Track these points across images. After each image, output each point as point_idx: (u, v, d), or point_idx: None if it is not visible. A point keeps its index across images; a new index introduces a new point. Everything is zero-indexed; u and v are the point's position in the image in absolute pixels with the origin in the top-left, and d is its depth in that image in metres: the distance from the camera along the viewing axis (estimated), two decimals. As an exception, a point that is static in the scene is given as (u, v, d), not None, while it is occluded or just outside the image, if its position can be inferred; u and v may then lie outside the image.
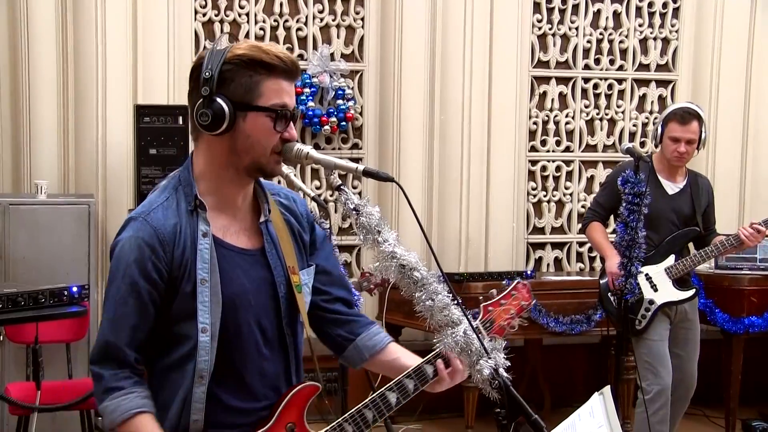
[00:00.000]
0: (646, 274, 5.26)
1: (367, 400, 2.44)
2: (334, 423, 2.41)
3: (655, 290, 5.26)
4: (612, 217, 5.48)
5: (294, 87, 2.34)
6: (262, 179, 2.43)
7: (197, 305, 2.26)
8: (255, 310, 2.36)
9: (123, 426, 2.24)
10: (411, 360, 2.56)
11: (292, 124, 2.32)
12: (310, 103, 6.61)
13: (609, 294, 5.30)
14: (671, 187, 5.29)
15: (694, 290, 5.35)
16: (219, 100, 2.24)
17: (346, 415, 2.43)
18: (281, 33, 6.68)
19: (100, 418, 2.38)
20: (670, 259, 5.27)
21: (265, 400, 2.39)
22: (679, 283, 5.29)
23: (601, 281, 5.41)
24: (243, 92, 2.26)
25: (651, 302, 5.25)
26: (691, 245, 5.49)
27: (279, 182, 6.87)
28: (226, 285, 2.30)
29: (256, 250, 2.39)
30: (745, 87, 7.46)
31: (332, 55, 6.73)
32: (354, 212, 2.21)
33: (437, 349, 2.46)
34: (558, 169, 7.25)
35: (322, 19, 6.74)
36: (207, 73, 2.25)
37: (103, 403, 2.26)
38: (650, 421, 5.16)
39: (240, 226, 2.39)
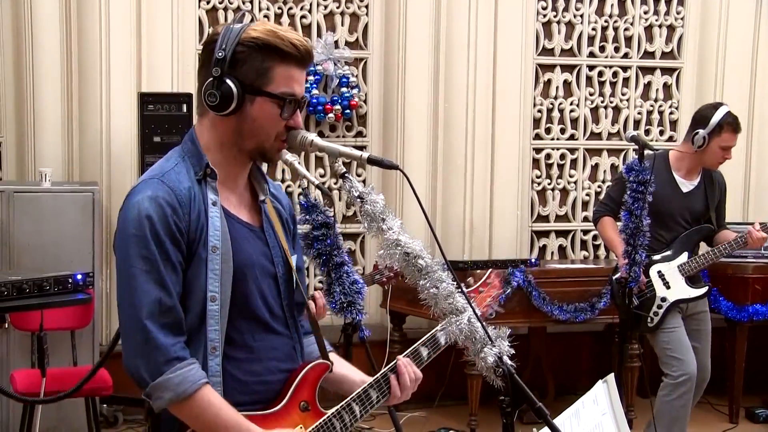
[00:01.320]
0: (659, 272, 5.27)
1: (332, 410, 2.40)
2: None
3: (668, 287, 5.26)
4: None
5: (305, 75, 2.33)
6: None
7: (207, 273, 2.21)
8: (261, 284, 2.33)
9: (191, 398, 2.14)
10: (347, 369, 2.55)
11: (298, 112, 2.31)
12: (315, 91, 6.60)
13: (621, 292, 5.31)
14: (686, 185, 5.29)
15: (706, 287, 5.37)
16: (229, 81, 2.22)
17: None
18: (285, 20, 6.67)
19: (145, 397, 2.19)
20: (684, 257, 5.27)
21: (277, 377, 2.35)
22: (692, 280, 5.29)
23: (614, 277, 5.41)
24: (254, 76, 2.24)
25: (663, 299, 5.25)
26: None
27: (283, 170, 6.90)
28: (237, 254, 2.27)
29: (257, 227, 2.39)
30: (750, 75, 7.43)
31: (336, 42, 6.72)
32: (358, 200, 2.20)
33: (392, 365, 2.49)
34: (562, 156, 7.24)
35: (326, 7, 6.73)
36: (220, 53, 2.23)
37: (164, 375, 2.12)
38: (674, 404, 5.16)
39: (240, 201, 2.38)
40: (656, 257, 5.28)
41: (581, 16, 7.21)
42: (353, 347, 4.07)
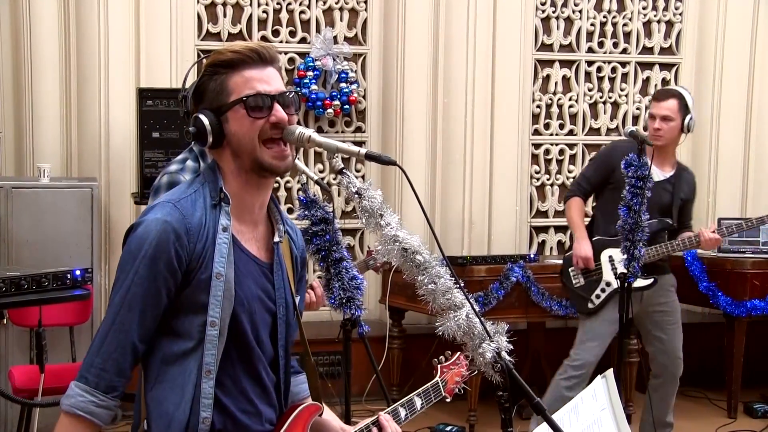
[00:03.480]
0: (610, 257, 5.27)
1: None
2: None
3: (616, 274, 5.24)
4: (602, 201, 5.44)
5: (270, 71, 2.33)
6: (275, 199, 2.45)
7: (209, 299, 2.24)
8: (257, 319, 2.35)
9: (65, 417, 2.24)
10: (327, 415, 2.60)
11: (277, 106, 2.29)
12: (314, 87, 6.60)
13: (570, 270, 5.37)
14: (658, 174, 5.25)
15: (652, 279, 5.20)
16: (199, 114, 2.29)
17: None
18: (284, 16, 6.67)
19: None
20: None
21: (267, 412, 2.39)
22: (642, 269, 5.18)
23: (566, 254, 5.49)
24: (216, 98, 2.29)
25: (608, 284, 5.25)
26: None
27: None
28: (239, 284, 2.30)
29: (265, 264, 2.40)
30: (748, 70, 7.44)
31: (335, 38, 6.72)
32: (356, 196, 2.20)
33: (374, 418, 2.59)
34: (561, 152, 7.24)
35: (325, 2, 6.73)
36: (181, 95, 2.33)
37: (75, 382, 2.24)
38: (560, 384, 5.21)
39: (253, 235, 2.39)
40: (610, 242, 5.27)
41: (580, 11, 7.21)
42: (352, 343, 4.06)
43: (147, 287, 2.21)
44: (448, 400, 3.10)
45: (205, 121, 2.28)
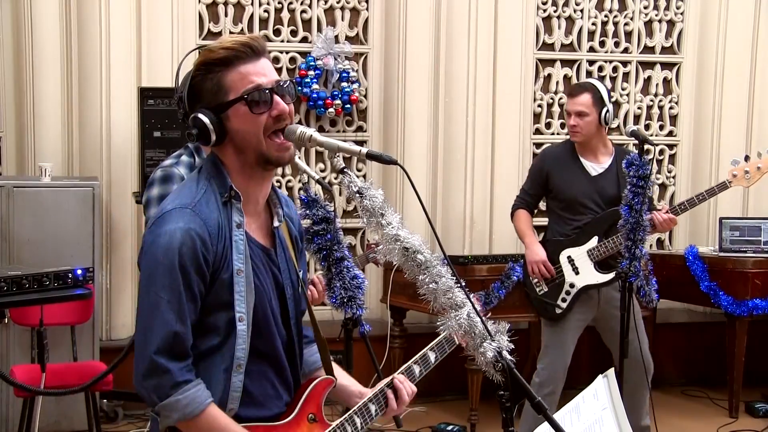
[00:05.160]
0: (569, 257, 5.23)
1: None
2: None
3: (577, 273, 5.21)
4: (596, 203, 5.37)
5: (263, 63, 2.33)
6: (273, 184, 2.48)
7: (234, 295, 2.28)
8: (273, 304, 2.40)
9: (198, 418, 2.22)
10: (346, 380, 2.66)
11: (277, 98, 2.31)
12: (315, 86, 6.60)
13: (531, 279, 5.34)
14: (594, 168, 5.21)
15: (614, 273, 5.08)
16: (199, 114, 2.29)
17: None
18: (285, 15, 6.67)
19: (154, 414, 2.30)
20: (593, 241, 5.18)
21: (284, 394, 2.44)
22: (601, 265, 5.17)
23: (524, 265, 5.48)
24: (214, 96, 2.30)
25: (572, 285, 5.21)
26: None
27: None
28: (256, 275, 2.34)
29: (270, 249, 2.43)
30: (750, 69, 7.43)
31: (336, 37, 6.72)
32: (357, 195, 2.20)
33: (389, 380, 2.61)
34: (562, 151, 7.23)
35: (326, 1, 6.73)
36: (178, 95, 2.31)
37: (171, 397, 2.20)
38: (530, 408, 5.10)
39: (257, 224, 2.42)
40: (566, 242, 5.25)
41: (581, 11, 7.21)
42: (354, 342, 4.06)
43: (186, 295, 2.23)
44: (464, 346, 3.04)
45: (206, 120, 2.28)
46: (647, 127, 7.37)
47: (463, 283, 2.22)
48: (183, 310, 2.22)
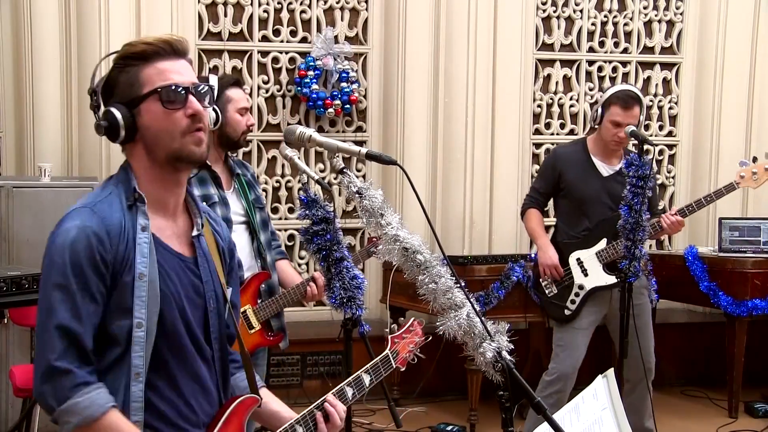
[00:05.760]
0: (578, 259, 5.22)
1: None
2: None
3: (586, 275, 5.19)
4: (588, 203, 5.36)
5: (183, 64, 2.29)
6: (192, 192, 2.40)
7: (134, 300, 2.18)
8: (188, 315, 2.30)
9: (98, 422, 2.11)
10: (278, 405, 2.56)
11: (192, 98, 2.25)
12: (314, 86, 6.60)
13: (541, 281, 5.32)
14: (606, 169, 5.20)
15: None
16: (111, 108, 2.26)
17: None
18: (285, 16, 6.67)
19: (53, 421, 2.15)
20: (602, 243, 5.17)
21: (197, 408, 2.32)
22: (610, 267, 5.15)
23: (533, 266, 5.46)
24: (128, 90, 2.26)
25: (581, 287, 5.19)
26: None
27: (283, 165, 6.90)
28: (164, 282, 2.25)
29: (189, 258, 2.35)
30: (749, 69, 7.43)
31: (336, 37, 6.72)
32: (357, 195, 2.20)
33: (319, 402, 2.54)
34: (562, 151, 7.24)
35: (326, 2, 6.73)
36: (89, 89, 2.30)
37: (71, 399, 2.10)
38: (545, 402, 5.07)
39: (173, 231, 2.34)
40: (575, 244, 5.24)
41: (581, 11, 7.21)
42: (353, 342, 4.06)
43: (81, 295, 2.14)
44: (402, 369, 3.06)
45: (118, 114, 2.25)
46: (647, 127, 7.37)
47: (463, 284, 2.22)
48: (78, 309, 2.13)
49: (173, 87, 2.23)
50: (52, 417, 2.14)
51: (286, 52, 6.69)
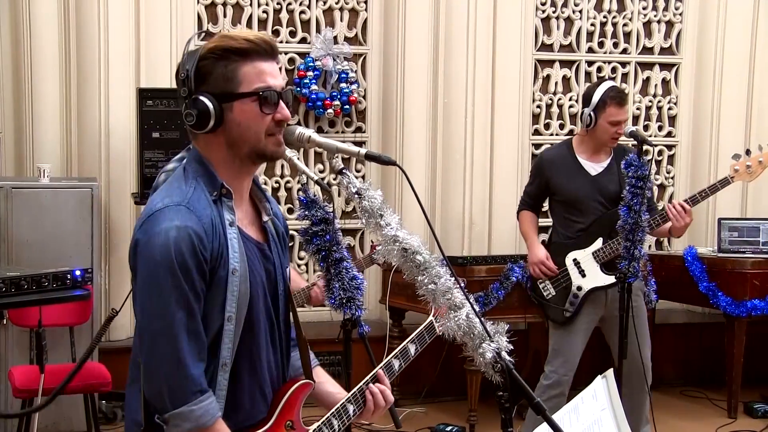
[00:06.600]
0: (574, 259, 5.21)
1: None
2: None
3: (584, 276, 5.18)
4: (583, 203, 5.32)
5: (276, 66, 2.31)
6: (257, 179, 2.44)
7: (227, 295, 2.23)
8: (267, 302, 2.36)
9: (209, 430, 2.19)
10: (332, 387, 2.63)
11: (282, 104, 2.28)
12: (314, 87, 6.60)
13: (539, 283, 5.31)
14: (593, 168, 5.18)
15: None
16: (201, 97, 2.23)
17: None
18: (284, 16, 6.67)
19: (159, 421, 2.22)
20: (598, 243, 5.15)
21: (266, 393, 2.39)
22: (607, 267, 5.13)
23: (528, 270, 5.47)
24: (223, 83, 2.24)
25: (579, 288, 5.17)
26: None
27: (282, 166, 6.90)
28: (252, 274, 2.30)
29: (264, 244, 2.40)
30: (748, 70, 7.43)
31: (335, 38, 6.72)
32: (356, 196, 2.21)
33: (369, 378, 2.58)
34: (561, 152, 7.23)
35: (325, 2, 6.73)
36: (183, 74, 2.26)
37: (187, 405, 2.16)
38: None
39: (248, 219, 2.39)
40: (570, 245, 5.22)
41: (580, 11, 7.21)
42: (353, 343, 4.06)
43: (192, 297, 2.18)
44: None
45: (209, 104, 2.24)
46: (646, 127, 7.37)
47: (463, 284, 2.22)
48: (192, 309, 2.17)
49: (270, 91, 2.25)
50: (160, 416, 2.19)
51: (286, 53, 6.68)
